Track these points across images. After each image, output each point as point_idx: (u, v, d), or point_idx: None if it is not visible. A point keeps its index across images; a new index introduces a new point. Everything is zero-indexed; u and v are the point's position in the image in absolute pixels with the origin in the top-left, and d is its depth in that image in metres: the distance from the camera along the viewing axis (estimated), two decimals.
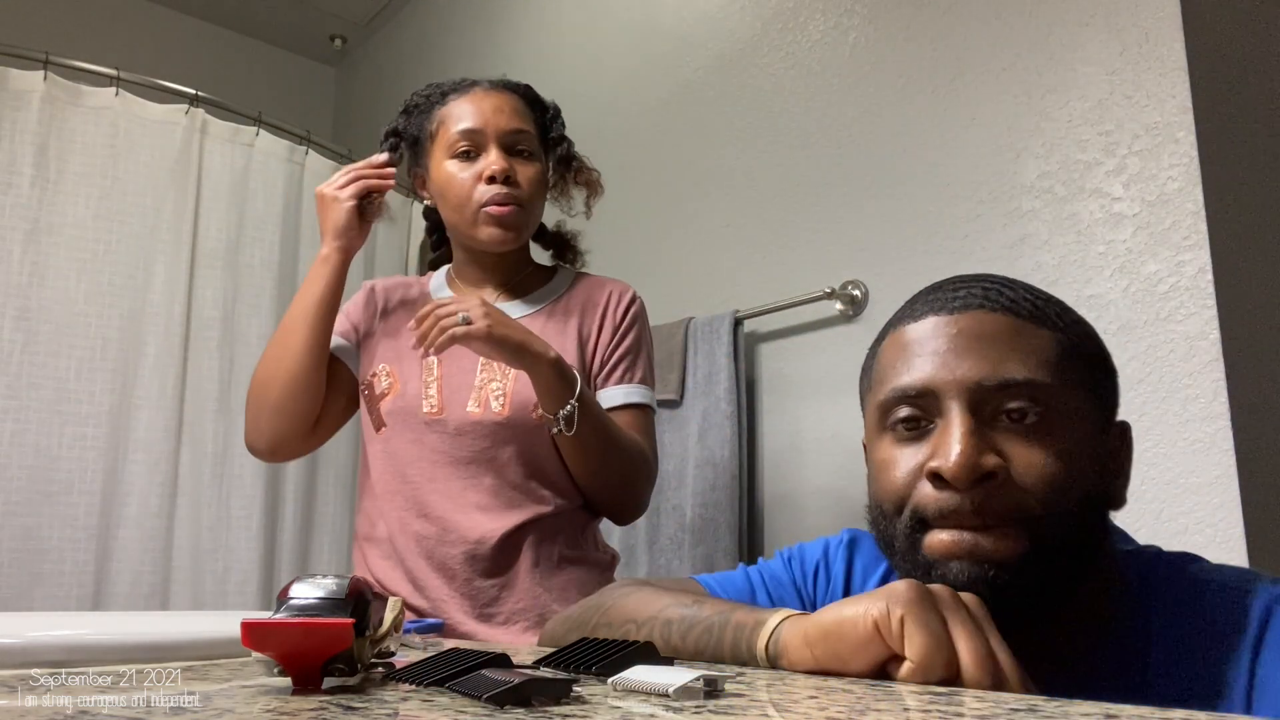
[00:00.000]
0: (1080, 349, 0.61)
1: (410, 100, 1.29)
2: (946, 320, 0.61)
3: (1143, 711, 0.35)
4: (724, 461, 1.69)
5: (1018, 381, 0.58)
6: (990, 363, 0.59)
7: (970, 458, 0.56)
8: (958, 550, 0.57)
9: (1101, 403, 0.62)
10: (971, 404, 0.58)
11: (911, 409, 0.61)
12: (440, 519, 1.16)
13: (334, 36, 3.37)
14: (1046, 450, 0.57)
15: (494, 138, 1.20)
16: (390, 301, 1.32)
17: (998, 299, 0.61)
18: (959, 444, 0.57)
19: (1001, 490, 0.57)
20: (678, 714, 0.35)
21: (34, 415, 1.88)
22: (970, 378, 0.58)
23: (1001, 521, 0.57)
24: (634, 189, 2.10)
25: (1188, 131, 1.25)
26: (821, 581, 0.76)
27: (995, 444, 0.58)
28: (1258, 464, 1.17)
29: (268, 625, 0.39)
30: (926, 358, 0.61)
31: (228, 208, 2.18)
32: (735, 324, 1.75)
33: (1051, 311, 0.62)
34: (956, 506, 0.57)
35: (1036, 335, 0.60)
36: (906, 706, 0.38)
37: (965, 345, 0.60)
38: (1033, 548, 0.56)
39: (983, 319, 0.60)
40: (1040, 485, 0.57)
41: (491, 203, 1.19)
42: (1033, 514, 0.57)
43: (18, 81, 1.95)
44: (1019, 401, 0.58)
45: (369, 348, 1.28)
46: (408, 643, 0.73)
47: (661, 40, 2.13)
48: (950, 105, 1.53)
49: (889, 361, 0.64)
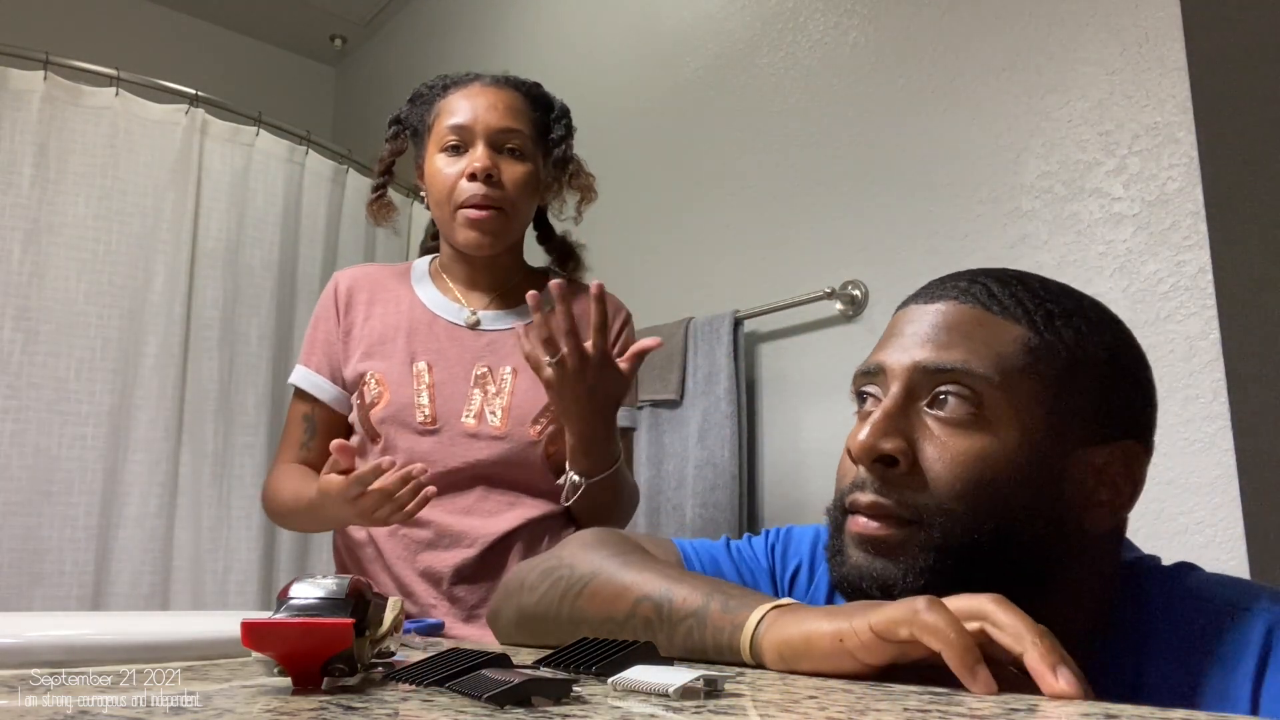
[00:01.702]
0: (1065, 354, 0.57)
1: (416, 90, 1.28)
2: (921, 309, 0.62)
3: (1143, 711, 0.35)
4: (724, 462, 1.69)
5: (952, 367, 0.56)
6: (936, 348, 0.58)
7: (872, 437, 0.56)
8: (858, 538, 0.57)
9: (1091, 416, 0.57)
10: (908, 387, 0.58)
11: (868, 385, 0.62)
12: (430, 524, 1.16)
13: (334, 36, 3.37)
14: (966, 444, 0.55)
15: (482, 134, 1.18)
16: (361, 297, 1.26)
17: (976, 292, 0.60)
18: (870, 423, 0.57)
19: (904, 478, 0.56)
20: (678, 714, 0.35)
21: (34, 415, 1.88)
22: (914, 359, 0.58)
23: (895, 513, 0.55)
24: (634, 189, 2.10)
25: (1188, 131, 1.25)
26: (802, 582, 0.74)
27: (913, 430, 0.57)
28: (1258, 464, 1.16)
29: (268, 625, 0.39)
30: (892, 339, 0.62)
31: (228, 208, 2.18)
32: (735, 324, 1.75)
33: (1040, 311, 0.58)
34: (861, 489, 0.57)
35: (1000, 329, 0.58)
36: (906, 706, 0.38)
37: (924, 332, 0.60)
38: (924, 543, 0.54)
39: (950, 309, 0.60)
40: (945, 478, 0.55)
41: (469, 204, 1.17)
42: (928, 507, 0.54)
43: (18, 81, 1.95)
44: (948, 387, 0.56)
45: (346, 347, 1.24)
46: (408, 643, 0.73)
47: (661, 40, 2.13)
48: (950, 105, 1.53)
49: (877, 343, 0.65)
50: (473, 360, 1.21)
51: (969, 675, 0.44)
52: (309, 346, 1.26)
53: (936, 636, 0.45)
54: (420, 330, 1.22)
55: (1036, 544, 0.55)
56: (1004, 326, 0.58)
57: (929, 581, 0.54)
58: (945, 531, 0.54)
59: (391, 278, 1.29)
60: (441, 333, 1.22)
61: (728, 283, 1.88)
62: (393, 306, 1.25)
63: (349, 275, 1.29)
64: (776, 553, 0.76)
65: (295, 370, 1.26)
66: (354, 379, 1.21)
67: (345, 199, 2.44)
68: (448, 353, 1.21)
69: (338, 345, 1.24)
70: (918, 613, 0.46)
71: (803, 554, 0.75)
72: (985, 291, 0.60)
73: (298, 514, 1.17)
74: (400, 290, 1.27)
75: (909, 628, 0.46)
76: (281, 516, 1.23)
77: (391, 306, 1.25)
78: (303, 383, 1.24)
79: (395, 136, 1.30)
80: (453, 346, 1.21)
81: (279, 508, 1.21)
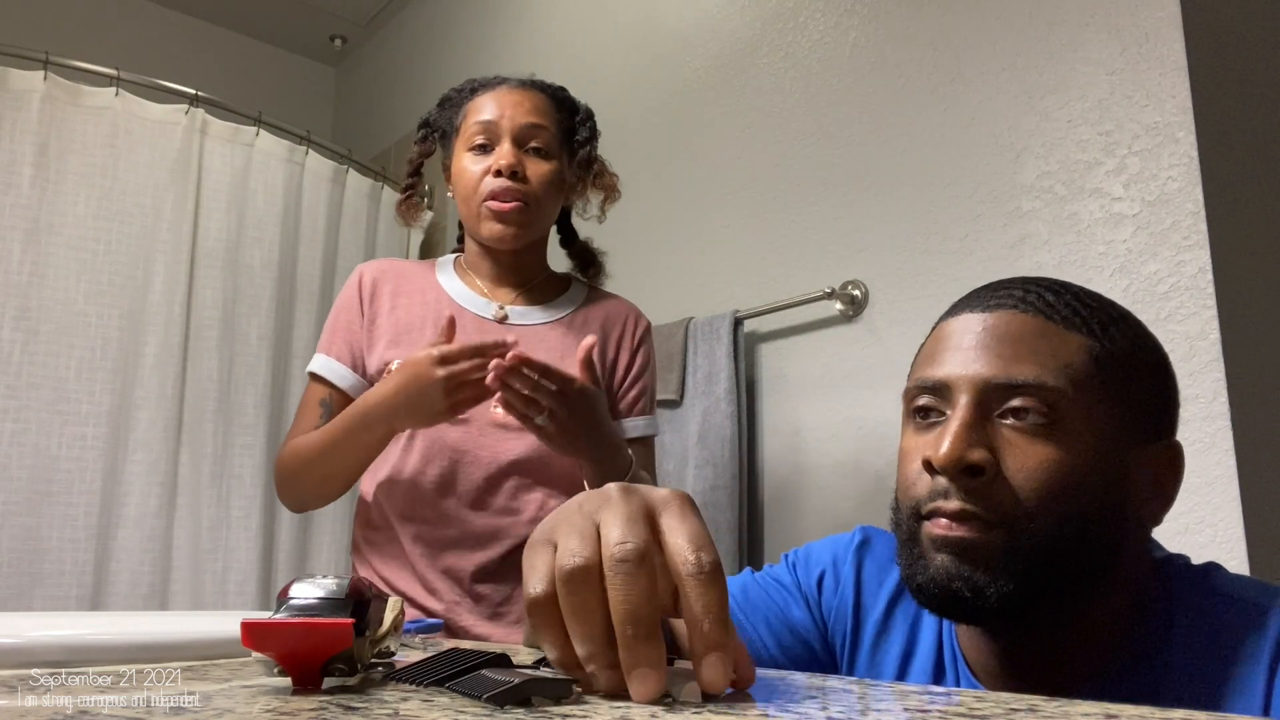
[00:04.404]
0: (1122, 360, 0.60)
1: (445, 94, 1.30)
2: (978, 318, 0.62)
3: (1143, 711, 0.35)
4: (724, 461, 1.69)
5: (1026, 383, 0.58)
6: (1004, 361, 0.59)
7: (958, 449, 0.57)
8: (943, 542, 0.58)
9: (1142, 417, 0.61)
10: (978, 400, 0.59)
11: (928, 399, 0.62)
12: (457, 520, 1.16)
13: (334, 36, 3.37)
14: (1045, 453, 0.57)
15: (508, 131, 1.19)
16: (386, 288, 1.26)
17: (1033, 301, 0.61)
18: (950, 435, 0.58)
19: (989, 487, 0.57)
20: (678, 714, 0.35)
21: (34, 415, 1.88)
22: (981, 375, 0.59)
23: (984, 518, 0.57)
24: (634, 189, 2.10)
25: (1188, 131, 1.25)
26: (829, 587, 0.75)
27: (992, 441, 0.58)
28: (1258, 464, 1.17)
29: (268, 625, 0.39)
30: (950, 352, 0.62)
31: (228, 208, 2.18)
32: (735, 324, 1.75)
33: (1096, 319, 0.61)
34: (944, 497, 0.58)
35: (1063, 339, 0.59)
36: (907, 706, 0.38)
37: (986, 343, 0.60)
38: (1014, 548, 0.56)
39: (1010, 319, 0.61)
40: (1029, 486, 0.57)
41: (493, 197, 1.18)
42: (1016, 514, 0.57)
43: (18, 81, 1.95)
44: (1022, 401, 0.58)
45: (370, 336, 1.24)
46: (408, 643, 0.73)
47: (661, 40, 2.13)
48: (950, 105, 1.53)
49: (924, 354, 0.65)
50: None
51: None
52: (329, 334, 1.26)
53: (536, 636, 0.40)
54: None
55: (1107, 543, 0.58)
56: (1067, 337, 0.60)
57: (1018, 585, 0.56)
58: (1031, 536, 0.56)
59: (416, 271, 1.30)
60: (469, 324, 1.22)
61: (728, 283, 1.88)
62: (418, 298, 1.25)
63: (374, 267, 1.30)
64: (799, 569, 0.78)
65: (315, 358, 1.25)
66: (378, 368, 1.21)
67: (345, 199, 2.45)
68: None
69: (361, 334, 1.24)
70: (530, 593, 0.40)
71: (824, 562, 0.76)
72: (1043, 301, 0.61)
73: (339, 440, 1.12)
74: (425, 282, 1.27)
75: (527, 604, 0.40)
76: (307, 464, 1.16)
77: (418, 298, 1.25)
78: (322, 370, 1.23)
79: (424, 139, 1.31)
80: (479, 338, 1.21)
81: (306, 454, 1.16)
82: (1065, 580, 0.57)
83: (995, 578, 0.56)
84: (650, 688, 0.36)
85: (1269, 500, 1.16)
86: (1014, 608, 0.57)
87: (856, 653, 0.72)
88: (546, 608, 0.39)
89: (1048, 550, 0.56)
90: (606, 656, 0.37)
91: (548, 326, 1.24)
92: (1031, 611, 0.58)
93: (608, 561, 0.37)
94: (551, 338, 1.22)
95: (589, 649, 0.37)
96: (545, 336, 1.22)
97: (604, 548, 0.38)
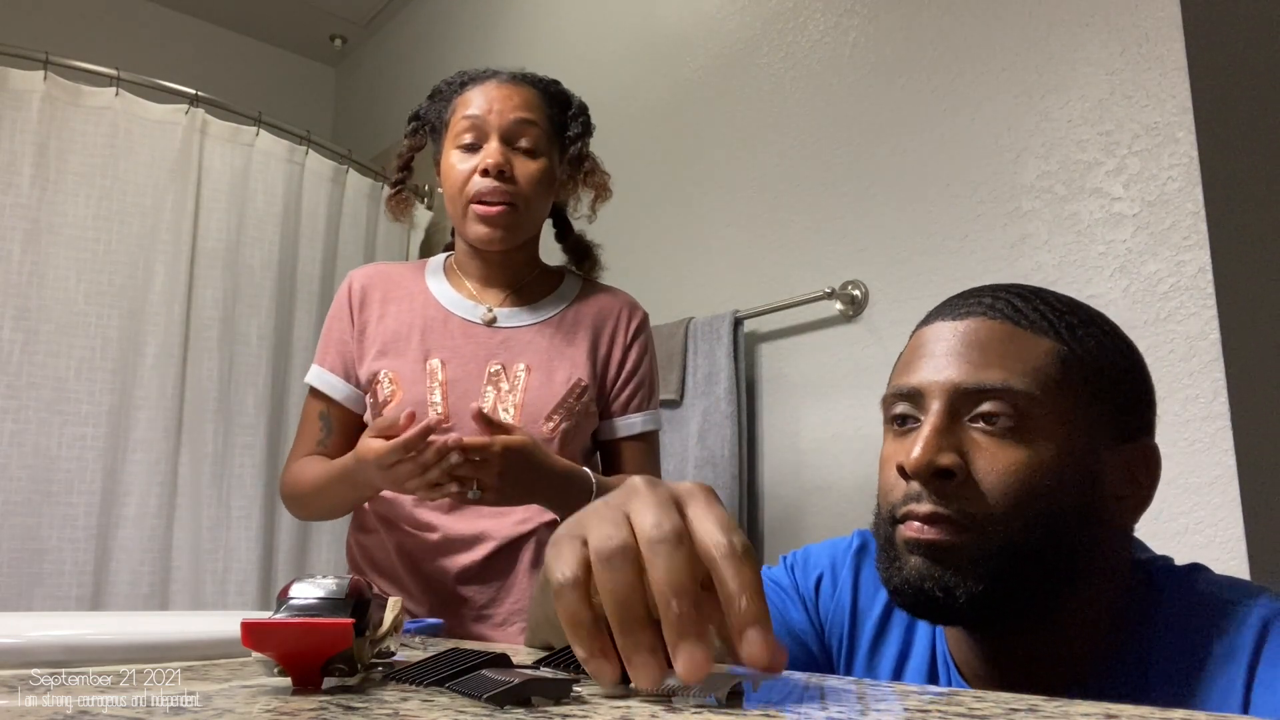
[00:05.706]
0: (1091, 362, 0.61)
1: (436, 86, 1.28)
2: (949, 326, 0.64)
3: (1143, 711, 0.35)
4: (724, 461, 1.69)
5: (994, 387, 0.59)
6: (973, 367, 0.61)
7: (928, 454, 0.59)
8: (916, 545, 0.59)
9: (1114, 418, 0.61)
10: (949, 406, 0.61)
11: (903, 406, 0.64)
12: (442, 524, 1.16)
13: (334, 36, 3.37)
14: (1014, 456, 0.58)
15: (496, 128, 1.17)
16: (375, 295, 1.25)
17: (1002, 308, 0.63)
18: (921, 441, 0.59)
19: (959, 490, 0.59)
20: (678, 714, 0.35)
21: (34, 415, 1.88)
22: (951, 380, 0.61)
23: (954, 520, 0.58)
24: (634, 189, 2.10)
25: (1188, 131, 1.25)
26: (826, 590, 0.76)
27: (963, 445, 0.60)
28: (1258, 464, 1.17)
29: (268, 625, 0.38)
30: (924, 360, 0.64)
31: (228, 208, 2.18)
32: (735, 324, 1.75)
33: (1064, 323, 0.62)
34: (917, 500, 0.60)
35: (1031, 344, 0.61)
36: (907, 706, 0.38)
37: (957, 350, 0.62)
38: (983, 550, 0.57)
39: (980, 325, 0.62)
40: (999, 489, 0.58)
41: (479, 199, 1.16)
42: (986, 516, 0.58)
43: (18, 81, 1.95)
44: (991, 405, 0.59)
45: (361, 346, 1.24)
46: (408, 643, 0.73)
47: (661, 40, 2.13)
48: (950, 106, 1.53)
49: (901, 362, 0.67)
50: (487, 357, 1.19)
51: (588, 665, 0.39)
52: (324, 346, 1.26)
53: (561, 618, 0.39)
54: (434, 327, 1.21)
55: (1077, 543, 0.59)
56: (1035, 341, 0.61)
57: (988, 585, 0.57)
58: (1001, 537, 0.57)
59: (406, 275, 1.28)
60: (456, 330, 1.21)
61: (728, 283, 1.88)
62: (406, 304, 1.24)
63: (363, 274, 1.28)
64: (797, 571, 0.79)
65: (311, 370, 1.25)
66: (368, 378, 1.20)
67: (345, 199, 2.45)
68: (462, 350, 1.20)
69: (352, 345, 1.24)
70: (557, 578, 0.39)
71: (823, 565, 0.77)
72: (1011, 307, 0.63)
73: (326, 487, 1.14)
74: (415, 287, 1.26)
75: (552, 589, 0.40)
76: (304, 497, 1.19)
77: (405, 304, 1.24)
78: (317, 382, 1.24)
79: (414, 132, 1.29)
80: (467, 343, 1.20)
81: (303, 489, 1.18)
82: (1037, 581, 0.58)
83: (965, 579, 0.57)
84: (698, 661, 0.36)
85: (1269, 500, 1.16)
86: (985, 608, 0.58)
87: (853, 655, 0.73)
88: (575, 593, 0.39)
89: (1018, 551, 0.57)
90: (647, 638, 0.37)
91: (536, 328, 1.22)
92: (1005, 612, 0.59)
93: (646, 543, 0.38)
94: (540, 340, 1.22)
95: (629, 630, 0.37)
96: (533, 339, 1.21)
97: (639, 531, 0.38)
